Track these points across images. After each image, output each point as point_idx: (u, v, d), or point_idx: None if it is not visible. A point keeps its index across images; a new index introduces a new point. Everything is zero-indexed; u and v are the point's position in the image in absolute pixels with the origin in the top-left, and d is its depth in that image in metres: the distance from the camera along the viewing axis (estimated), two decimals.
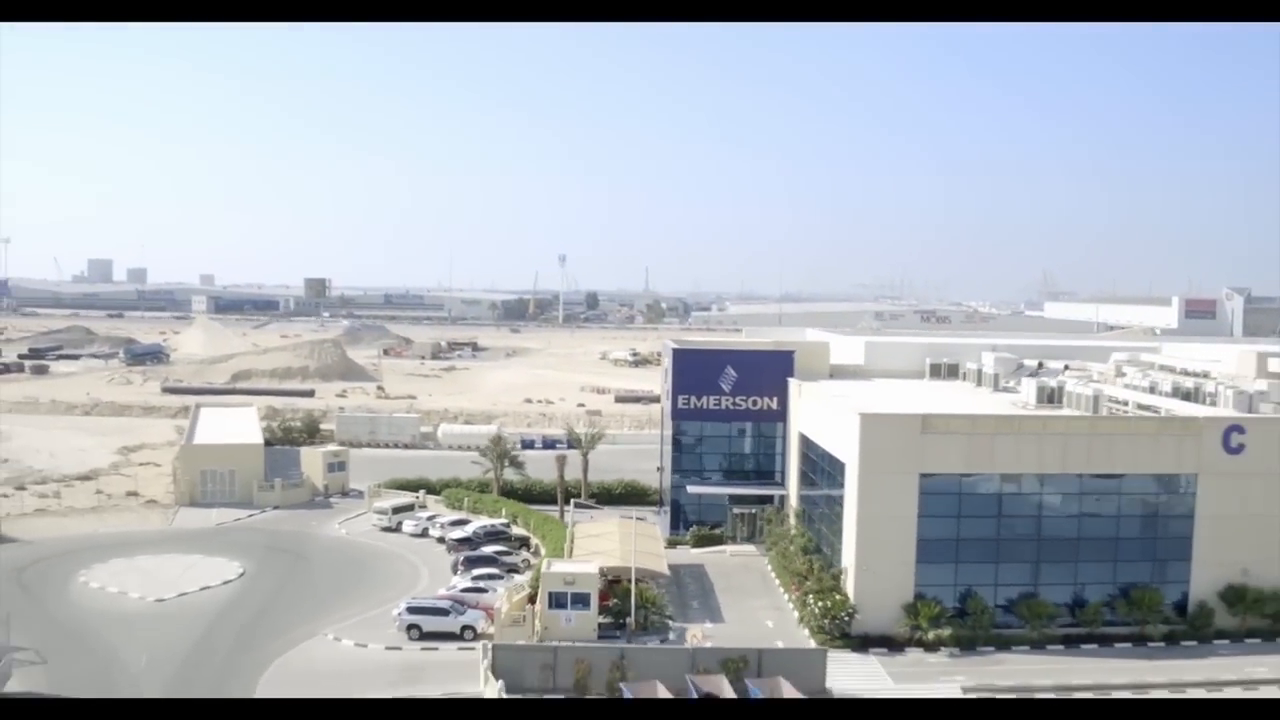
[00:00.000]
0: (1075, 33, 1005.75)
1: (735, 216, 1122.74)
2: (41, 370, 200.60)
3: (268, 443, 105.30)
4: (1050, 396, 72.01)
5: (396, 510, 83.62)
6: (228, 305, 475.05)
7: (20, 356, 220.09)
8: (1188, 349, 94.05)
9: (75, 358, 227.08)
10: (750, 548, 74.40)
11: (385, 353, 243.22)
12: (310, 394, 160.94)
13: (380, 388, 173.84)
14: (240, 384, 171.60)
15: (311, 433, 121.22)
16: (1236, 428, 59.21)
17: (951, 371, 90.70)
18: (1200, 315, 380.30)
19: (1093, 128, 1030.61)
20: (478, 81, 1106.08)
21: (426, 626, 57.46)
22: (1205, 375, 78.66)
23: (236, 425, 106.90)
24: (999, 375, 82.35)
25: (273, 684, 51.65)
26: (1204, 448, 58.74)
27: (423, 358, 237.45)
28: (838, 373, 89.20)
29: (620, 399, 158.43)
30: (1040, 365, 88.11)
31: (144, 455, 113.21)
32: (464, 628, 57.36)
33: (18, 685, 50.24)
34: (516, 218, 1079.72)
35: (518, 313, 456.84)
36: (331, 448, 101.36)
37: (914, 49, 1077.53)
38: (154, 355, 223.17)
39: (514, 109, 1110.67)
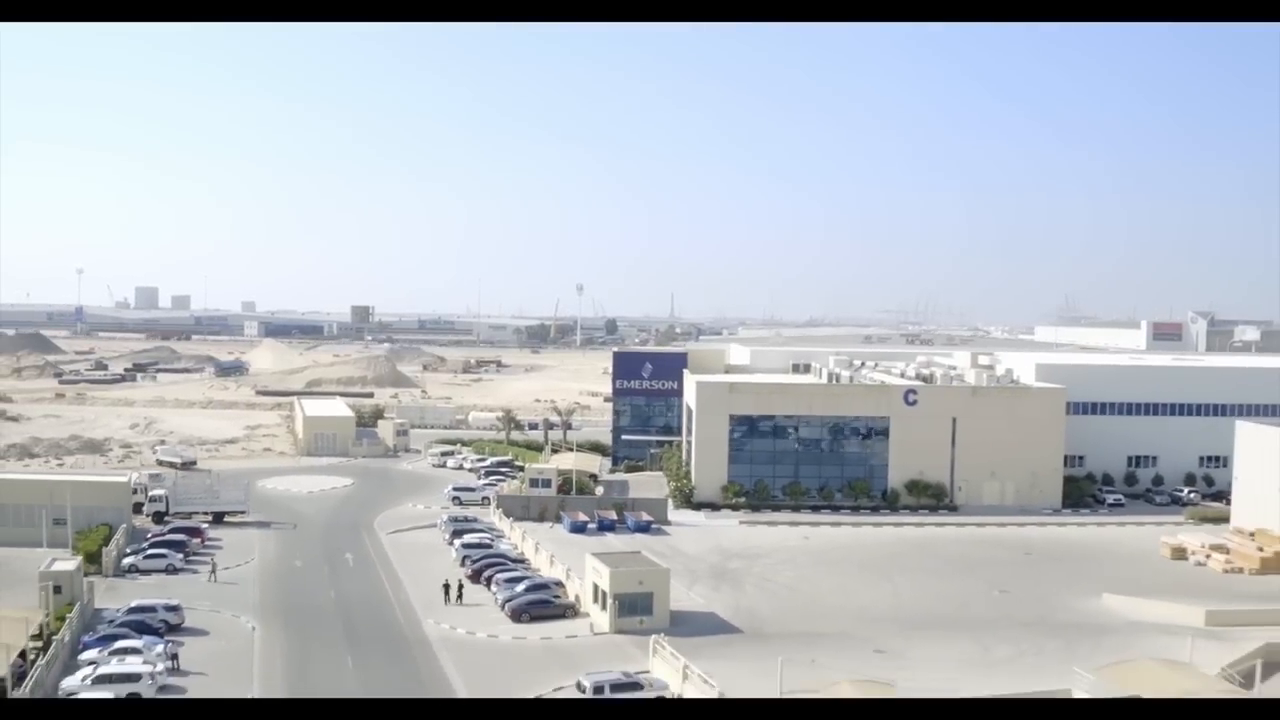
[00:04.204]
0: (1102, 54, 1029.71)
1: (767, 244, 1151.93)
2: (150, 379, 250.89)
3: None
4: (834, 379, 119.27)
5: (442, 454, 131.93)
6: (276, 330, 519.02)
7: (125, 370, 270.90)
8: (959, 357, 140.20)
9: (171, 371, 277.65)
10: (659, 473, 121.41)
11: (424, 368, 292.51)
12: (370, 396, 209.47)
13: (423, 392, 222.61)
14: (314, 389, 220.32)
15: (377, 418, 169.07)
16: (911, 390, 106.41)
17: (806, 369, 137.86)
18: (1167, 338, 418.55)
19: (1115, 151, 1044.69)
20: (519, 112, 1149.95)
21: (464, 498, 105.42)
22: (953, 369, 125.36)
23: (331, 408, 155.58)
24: (821, 368, 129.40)
25: (383, 522, 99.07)
26: (893, 401, 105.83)
27: (455, 372, 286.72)
28: (732, 370, 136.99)
29: (608, 399, 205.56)
30: (863, 365, 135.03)
31: (263, 430, 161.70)
32: (483, 498, 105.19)
33: (252, 516, 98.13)
34: (548, 248, 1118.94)
35: (540, 337, 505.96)
36: (399, 420, 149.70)
37: (941, 73, 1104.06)
38: (237, 369, 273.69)
39: (550, 136, 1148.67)
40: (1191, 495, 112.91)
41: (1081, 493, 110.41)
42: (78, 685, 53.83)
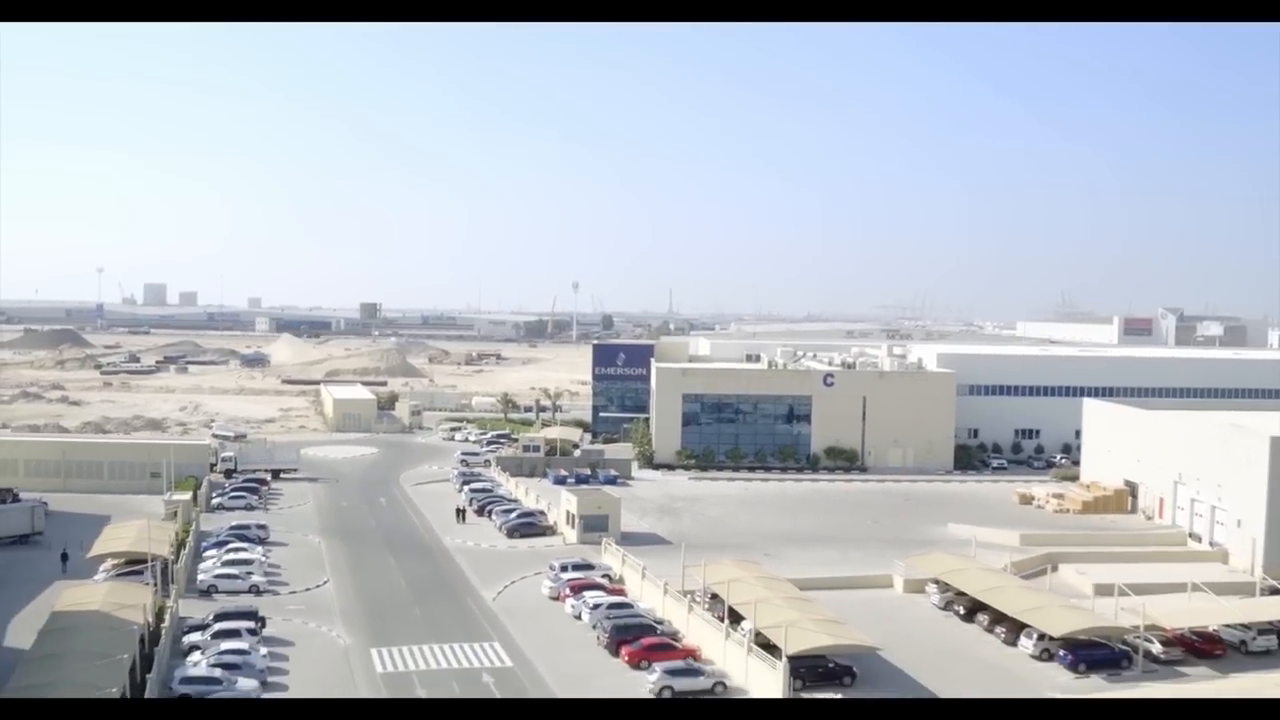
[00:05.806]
0: (1102, 54, 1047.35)
1: (766, 241, 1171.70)
2: (182, 370, 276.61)
3: None
4: (772, 365, 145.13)
5: (451, 430, 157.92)
6: (286, 325, 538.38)
7: (158, 362, 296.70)
8: (881, 349, 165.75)
9: (199, 363, 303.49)
10: (630, 444, 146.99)
11: (430, 360, 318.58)
12: (384, 384, 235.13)
13: (431, 381, 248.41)
14: (334, 378, 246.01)
15: (393, 402, 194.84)
16: (829, 374, 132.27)
17: (756, 358, 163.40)
18: (1138, 333, 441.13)
19: (1114, 149, 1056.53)
20: (519, 111, 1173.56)
21: (469, 460, 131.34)
22: (874, 359, 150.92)
23: (354, 392, 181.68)
24: (767, 357, 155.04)
25: (406, 478, 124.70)
26: (813, 383, 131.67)
27: (459, 364, 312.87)
28: (695, 359, 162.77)
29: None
30: (804, 354, 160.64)
31: (295, 412, 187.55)
32: (485, 460, 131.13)
33: (302, 474, 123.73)
34: (548, 246, 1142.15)
35: (538, 332, 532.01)
36: (413, 403, 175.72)
37: (942, 71, 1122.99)
38: (260, 361, 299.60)
39: (550, 135, 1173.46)
40: (1062, 460, 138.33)
41: (971, 458, 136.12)
42: (210, 566, 79.49)
